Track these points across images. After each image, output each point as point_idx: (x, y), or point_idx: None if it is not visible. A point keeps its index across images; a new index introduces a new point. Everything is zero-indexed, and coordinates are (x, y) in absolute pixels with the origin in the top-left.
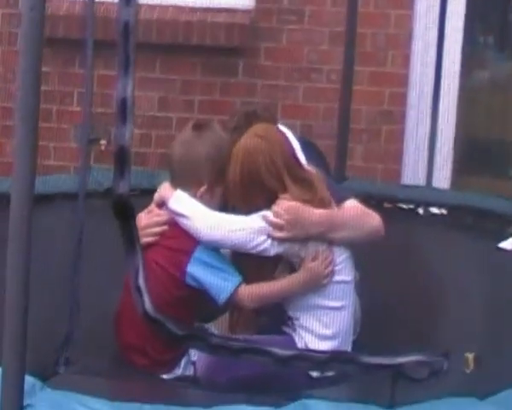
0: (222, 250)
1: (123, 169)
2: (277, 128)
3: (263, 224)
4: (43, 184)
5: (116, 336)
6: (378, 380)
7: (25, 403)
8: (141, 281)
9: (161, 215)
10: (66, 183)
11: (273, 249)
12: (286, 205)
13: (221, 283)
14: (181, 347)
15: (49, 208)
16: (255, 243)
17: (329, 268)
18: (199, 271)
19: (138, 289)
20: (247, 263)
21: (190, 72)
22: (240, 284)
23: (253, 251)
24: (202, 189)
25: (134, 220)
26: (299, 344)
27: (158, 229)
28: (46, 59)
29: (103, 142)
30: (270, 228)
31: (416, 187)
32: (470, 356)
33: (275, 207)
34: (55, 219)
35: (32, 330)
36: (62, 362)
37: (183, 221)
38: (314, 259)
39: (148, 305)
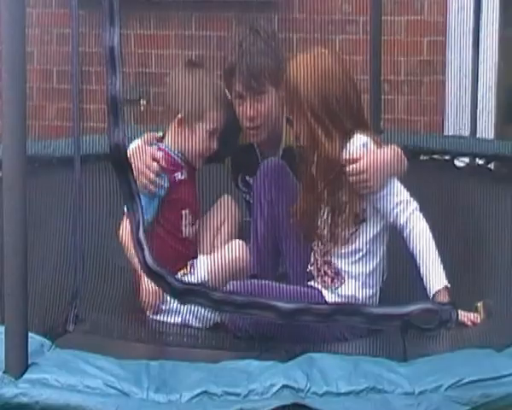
0: None
1: (117, 118)
2: None
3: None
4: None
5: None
6: (390, 336)
7: (30, 362)
8: (141, 234)
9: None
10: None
11: None
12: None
13: None
14: None
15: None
16: None
17: None
18: None
19: (139, 242)
20: None
21: (226, 27)
22: None
23: None
24: (177, 117)
25: (132, 172)
26: (331, 296)
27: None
28: (81, 21)
29: (143, 102)
30: None
31: (458, 137)
32: (480, 305)
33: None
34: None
35: (42, 290)
36: (71, 320)
37: None
38: None
39: (148, 258)
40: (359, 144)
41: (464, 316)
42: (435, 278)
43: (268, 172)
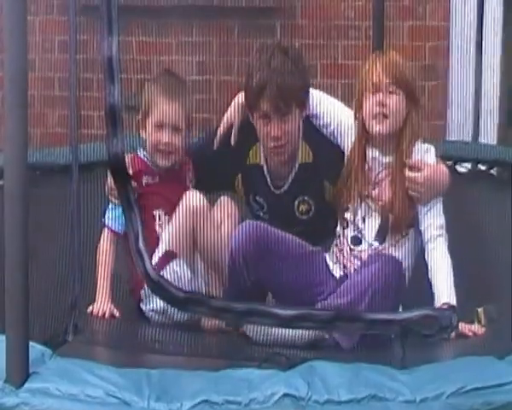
0: None
1: (115, 128)
2: None
3: None
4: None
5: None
6: (389, 342)
7: (31, 371)
8: (141, 244)
9: None
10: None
11: None
12: None
13: None
14: None
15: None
16: None
17: None
18: None
19: (139, 251)
20: None
21: (227, 34)
22: None
23: None
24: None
25: (131, 181)
26: None
27: None
28: (82, 27)
29: None
30: None
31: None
32: (480, 310)
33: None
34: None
35: (43, 300)
36: (71, 330)
37: None
38: None
39: (149, 268)
40: (423, 151)
41: (465, 328)
42: (445, 292)
43: (244, 240)
